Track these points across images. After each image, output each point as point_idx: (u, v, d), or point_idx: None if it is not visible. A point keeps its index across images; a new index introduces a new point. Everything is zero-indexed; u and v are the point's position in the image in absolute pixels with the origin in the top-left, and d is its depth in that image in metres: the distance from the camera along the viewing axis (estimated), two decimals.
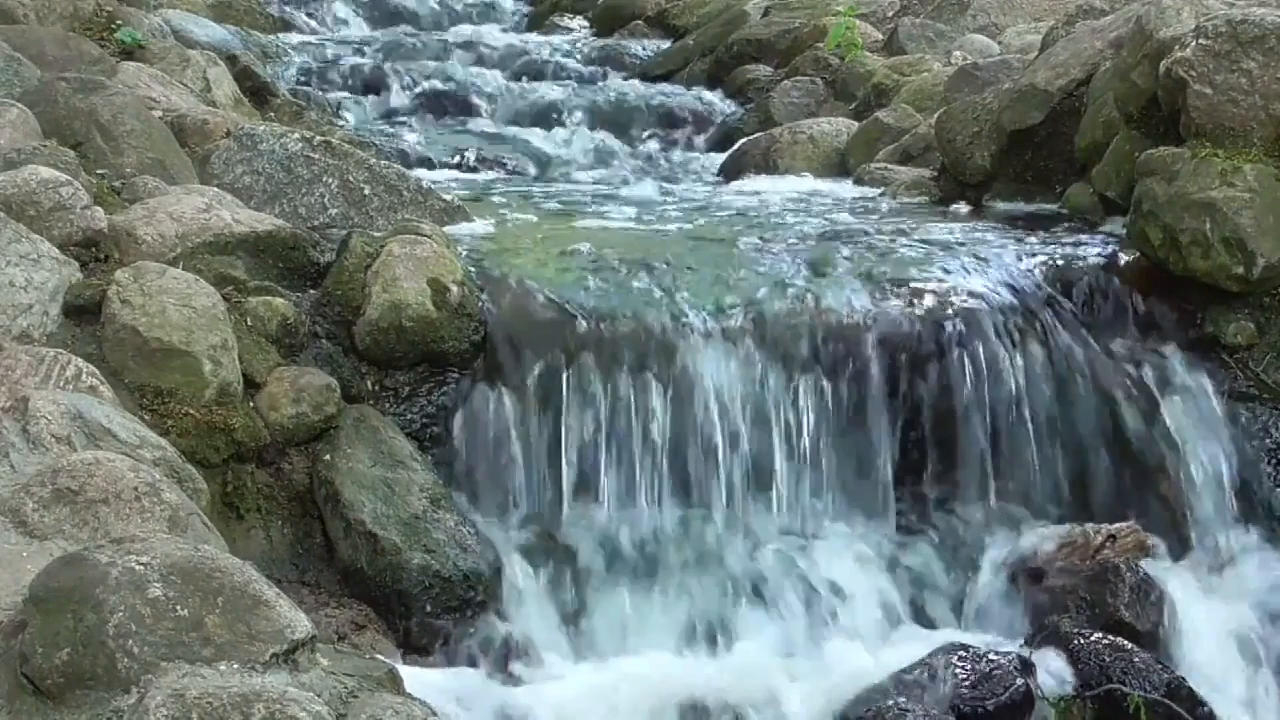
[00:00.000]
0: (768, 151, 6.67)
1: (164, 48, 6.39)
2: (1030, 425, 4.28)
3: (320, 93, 7.82)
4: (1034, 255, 4.66)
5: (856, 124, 6.73)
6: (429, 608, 3.70)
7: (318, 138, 5.11)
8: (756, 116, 7.72)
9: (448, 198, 5.08)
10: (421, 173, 5.80)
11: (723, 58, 8.65)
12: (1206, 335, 4.46)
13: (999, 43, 7.60)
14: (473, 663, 3.69)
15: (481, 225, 4.97)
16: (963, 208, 5.49)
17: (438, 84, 8.20)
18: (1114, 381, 4.36)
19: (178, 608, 2.54)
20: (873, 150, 6.38)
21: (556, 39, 9.85)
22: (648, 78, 8.91)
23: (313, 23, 9.86)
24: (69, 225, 4.02)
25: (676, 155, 7.56)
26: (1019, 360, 4.31)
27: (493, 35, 9.79)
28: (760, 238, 4.90)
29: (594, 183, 6.56)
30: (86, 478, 3.01)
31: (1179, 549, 4.20)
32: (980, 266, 4.57)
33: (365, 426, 3.94)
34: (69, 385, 3.47)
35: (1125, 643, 3.75)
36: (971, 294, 4.42)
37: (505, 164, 7.03)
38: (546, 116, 7.91)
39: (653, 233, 5.07)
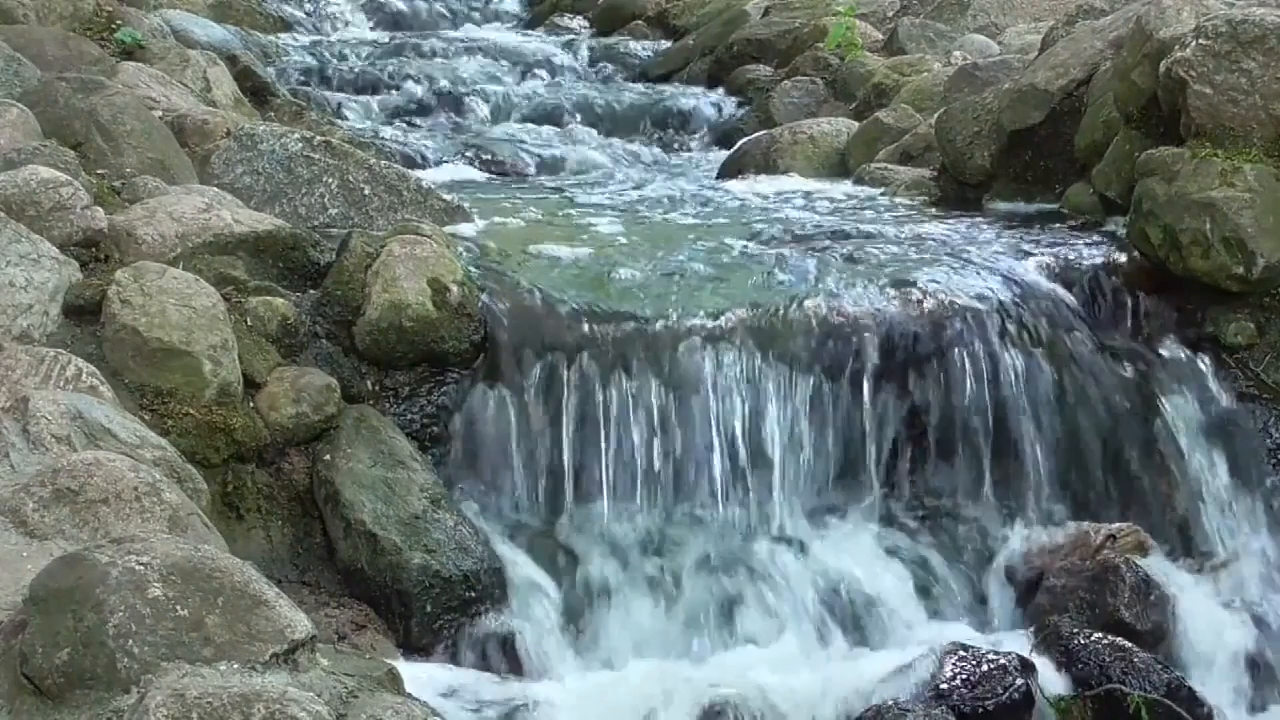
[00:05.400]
0: (768, 151, 6.66)
1: (164, 48, 6.39)
2: (1030, 425, 4.28)
3: (320, 93, 7.82)
4: (1034, 255, 4.66)
5: (856, 124, 6.73)
6: (429, 608, 3.70)
7: (318, 138, 5.11)
8: (756, 116, 7.72)
9: (448, 198, 5.08)
10: (421, 173, 5.80)
11: (723, 58, 8.66)
12: (1206, 335, 4.46)
13: (999, 43, 7.60)
14: (473, 663, 3.69)
15: (481, 225, 4.97)
16: (963, 208, 5.48)
17: (438, 84, 8.20)
18: (1114, 381, 4.36)
19: (178, 608, 2.54)
20: (873, 150, 6.37)
21: (557, 39, 9.85)
22: (648, 78, 8.92)
23: (313, 23, 9.86)
24: (69, 225, 4.02)
25: (676, 155, 7.56)
26: (1019, 360, 4.31)
27: (493, 35, 9.80)
28: (760, 238, 4.90)
29: (594, 182, 6.55)
30: (86, 478, 3.01)
31: (1179, 549, 4.20)
32: (980, 266, 4.57)
33: (365, 426, 3.94)
34: (69, 385, 3.47)
35: (1125, 643, 3.75)
36: (971, 294, 4.42)
37: (505, 164, 7.03)
38: (546, 116, 7.92)
39: (652, 232, 5.06)
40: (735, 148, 7.05)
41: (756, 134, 7.09)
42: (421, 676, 3.33)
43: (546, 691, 3.58)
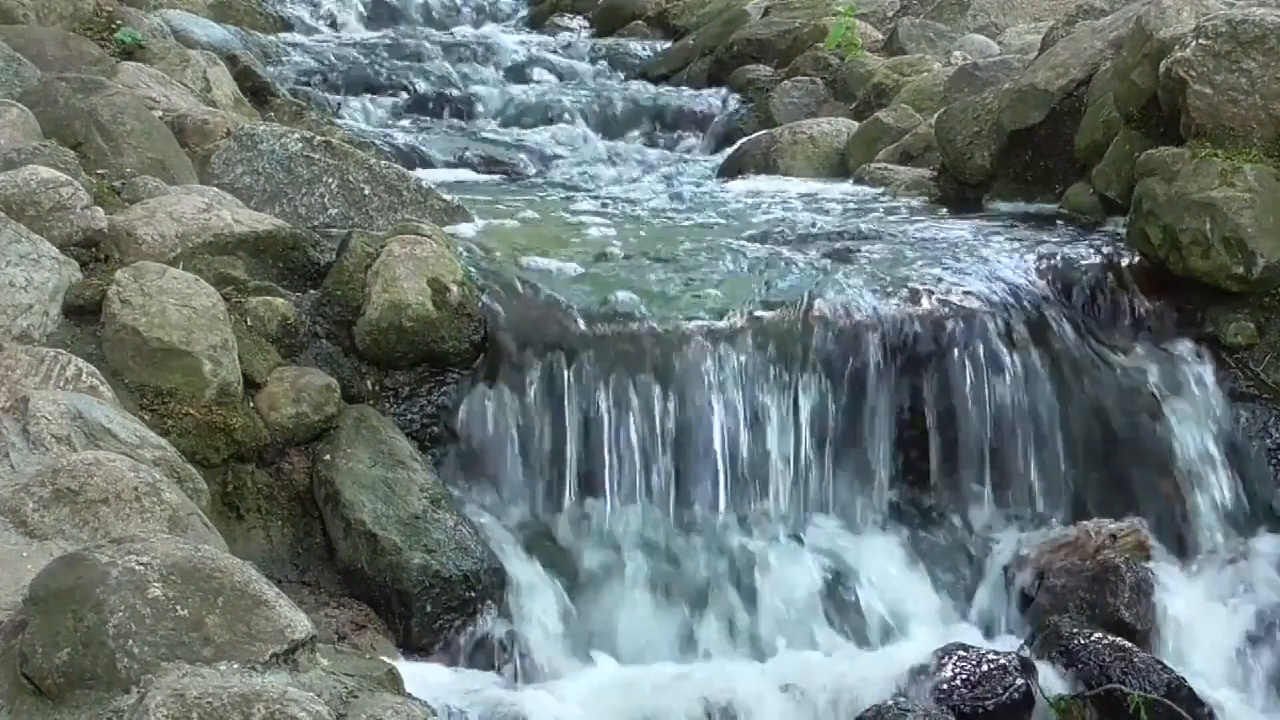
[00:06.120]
0: (768, 151, 6.67)
1: (164, 48, 6.38)
2: (1030, 425, 4.28)
3: (320, 93, 7.82)
4: (1034, 255, 4.66)
5: (856, 124, 6.73)
6: (429, 608, 3.70)
7: (318, 138, 5.11)
8: (756, 116, 7.72)
9: (448, 198, 5.07)
10: (421, 173, 5.79)
11: (723, 58, 8.66)
12: (1206, 335, 4.46)
13: (999, 43, 7.60)
14: (473, 663, 3.69)
15: (481, 225, 4.97)
16: (963, 208, 5.48)
17: (438, 84, 8.20)
18: (1114, 381, 4.36)
19: (178, 608, 2.54)
20: (873, 150, 6.38)
21: (557, 39, 9.85)
22: (648, 78, 8.91)
23: (313, 23, 9.85)
24: (69, 225, 4.02)
25: (676, 155, 7.55)
26: (1019, 360, 4.31)
27: (493, 35, 9.80)
28: (760, 238, 4.90)
29: (594, 182, 6.56)
30: (86, 478, 3.01)
31: (1179, 549, 4.20)
32: (980, 266, 4.58)
33: (365, 426, 3.94)
34: (69, 385, 3.47)
35: (1125, 643, 3.75)
36: (971, 294, 4.42)
37: (505, 164, 7.03)
38: (546, 116, 7.91)
39: (652, 232, 5.07)
40: (735, 148, 7.05)
41: (756, 134, 7.09)
42: (421, 676, 3.32)
43: (547, 692, 3.58)
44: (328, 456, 3.87)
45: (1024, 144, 5.48)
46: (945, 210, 5.46)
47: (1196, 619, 3.98)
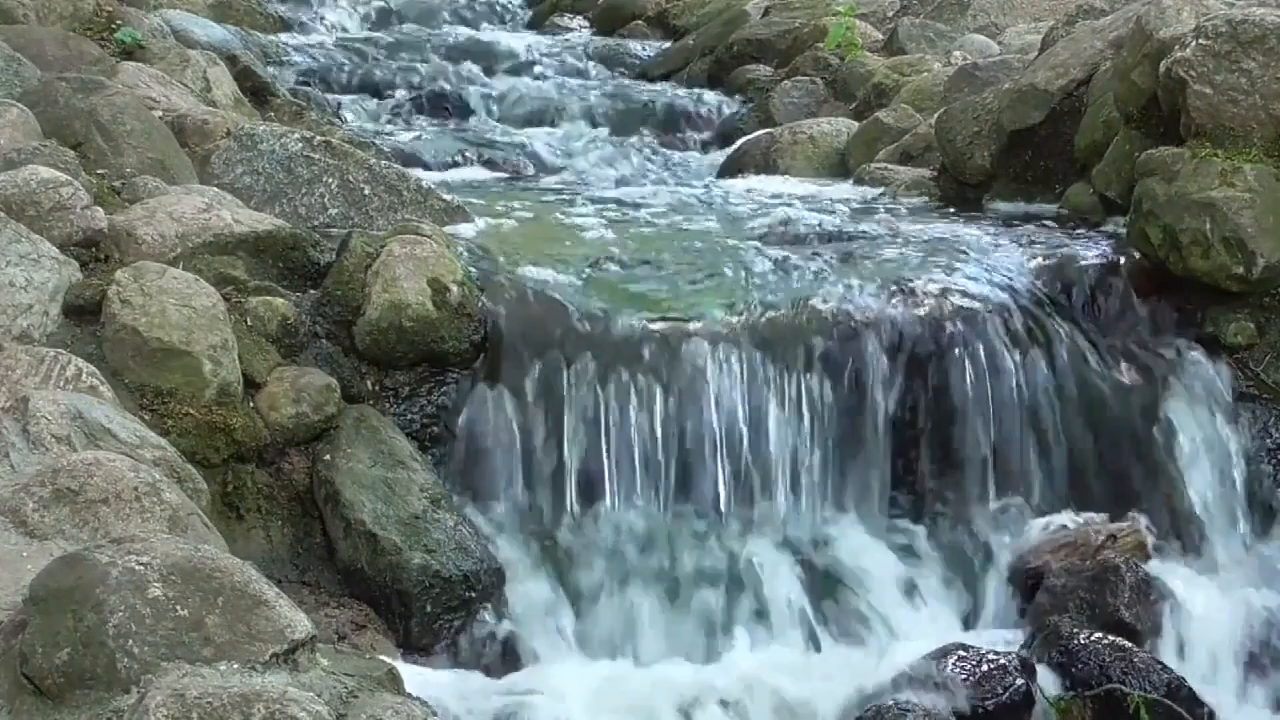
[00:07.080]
0: (768, 151, 6.67)
1: (164, 48, 6.38)
2: (1030, 425, 4.28)
3: (320, 93, 7.82)
4: (1034, 255, 4.66)
5: (856, 124, 6.73)
6: (429, 608, 3.70)
7: (318, 138, 5.11)
8: (756, 116, 7.72)
9: (448, 198, 5.07)
10: (421, 173, 5.79)
11: (723, 58, 8.66)
12: (1206, 335, 4.46)
13: (999, 43, 7.60)
14: (473, 663, 3.69)
15: (481, 225, 4.97)
16: (963, 208, 5.49)
17: (438, 84, 8.20)
18: (1114, 382, 4.36)
19: (178, 608, 2.54)
20: (873, 150, 6.38)
21: (557, 39, 9.85)
22: (648, 77, 8.92)
23: (313, 23, 9.86)
24: (69, 225, 4.02)
25: (676, 155, 7.55)
26: (1019, 360, 4.31)
27: (493, 35, 9.80)
28: (760, 238, 4.90)
29: (593, 182, 6.56)
30: (86, 478, 3.00)
31: (1179, 549, 4.20)
32: (980, 266, 4.58)
33: (365, 426, 3.94)
34: (69, 385, 3.47)
35: (1125, 643, 3.75)
36: (971, 294, 4.42)
37: (505, 164, 7.03)
38: (546, 116, 7.92)
39: (652, 232, 5.07)
40: (735, 147, 7.05)
41: (756, 134, 7.09)
42: (421, 676, 3.33)
43: (547, 692, 3.58)
44: (328, 456, 3.87)
45: (1024, 144, 5.48)
46: (945, 210, 5.46)
47: (1196, 619, 3.98)
